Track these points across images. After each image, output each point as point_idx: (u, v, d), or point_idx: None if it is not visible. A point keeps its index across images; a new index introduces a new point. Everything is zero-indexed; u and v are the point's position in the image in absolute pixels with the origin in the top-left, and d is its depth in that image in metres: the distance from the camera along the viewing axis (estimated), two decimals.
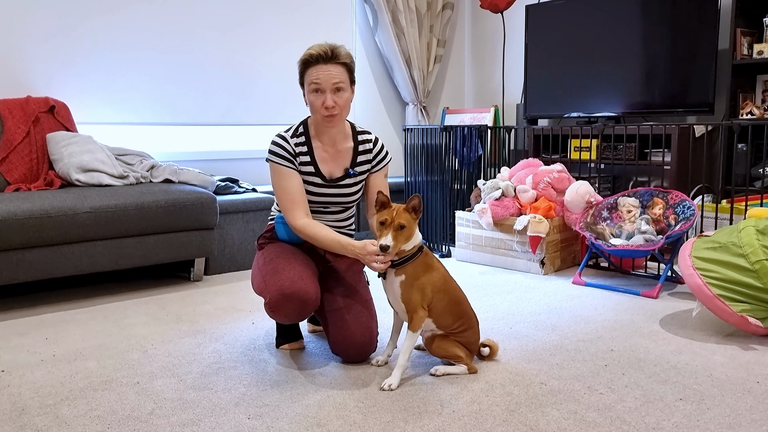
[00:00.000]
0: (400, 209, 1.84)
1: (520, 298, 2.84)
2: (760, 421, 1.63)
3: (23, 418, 1.70)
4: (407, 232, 1.84)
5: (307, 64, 2.01)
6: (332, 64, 1.99)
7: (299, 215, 2.04)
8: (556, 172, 3.39)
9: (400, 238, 1.83)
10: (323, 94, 1.99)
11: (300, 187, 2.07)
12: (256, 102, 4.13)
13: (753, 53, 3.48)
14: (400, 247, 1.84)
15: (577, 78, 4.12)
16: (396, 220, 1.82)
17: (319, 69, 1.98)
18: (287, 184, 2.06)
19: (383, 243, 1.80)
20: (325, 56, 1.98)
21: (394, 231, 1.81)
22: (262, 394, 1.83)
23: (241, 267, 3.45)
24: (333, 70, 1.99)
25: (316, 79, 1.98)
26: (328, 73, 1.98)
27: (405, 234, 1.84)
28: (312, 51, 2.00)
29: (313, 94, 2.00)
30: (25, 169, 3.05)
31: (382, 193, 1.89)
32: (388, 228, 1.82)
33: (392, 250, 1.81)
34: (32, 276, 2.69)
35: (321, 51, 1.98)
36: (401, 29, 4.58)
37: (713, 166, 3.73)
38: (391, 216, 1.83)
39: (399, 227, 1.82)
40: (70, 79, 3.44)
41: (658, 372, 1.96)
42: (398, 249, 1.84)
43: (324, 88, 1.98)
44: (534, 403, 1.74)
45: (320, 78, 1.97)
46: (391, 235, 1.81)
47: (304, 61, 2.01)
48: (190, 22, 3.81)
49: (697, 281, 2.25)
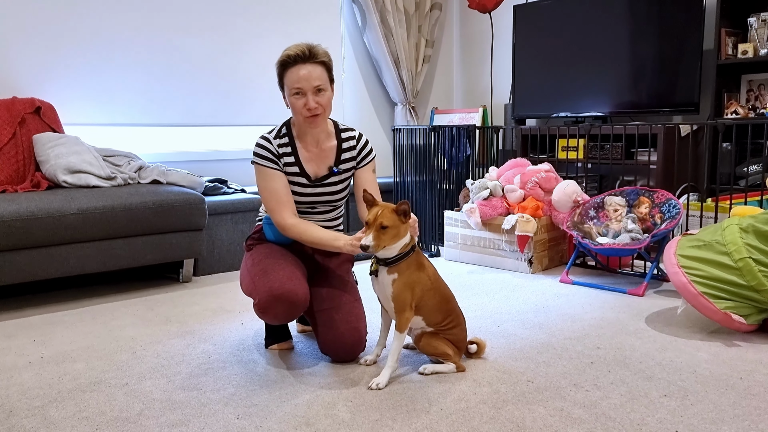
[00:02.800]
0: (386, 210, 1.84)
1: (507, 296, 2.86)
2: (743, 416, 1.66)
3: (11, 420, 1.69)
4: (392, 232, 1.83)
5: (285, 65, 2.01)
6: (311, 64, 1.99)
7: (286, 215, 2.05)
8: (543, 172, 3.41)
9: (383, 238, 1.83)
10: (304, 96, 2.00)
11: (285, 188, 2.07)
12: (244, 103, 4.13)
13: (738, 53, 3.53)
14: (384, 246, 1.85)
15: (565, 78, 4.15)
16: (378, 219, 1.82)
17: (298, 69, 1.98)
18: (272, 185, 2.06)
19: (363, 243, 1.81)
20: (303, 56, 1.98)
21: (375, 231, 1.82)
22: (251, 394, 1.84)
23: (230, 268, 3.45)
24: (312, 70, 1.99)
25: (296, 83, 1.98)
26: (308, 74, 1.98)
27: (389, 234, 1.83)
28: (290, 52, 2.00)
29: (295, 97, 2.01)
30: (11, 170, 3.03)
31: (367, 192, 1.90)
32: (370, 228, 1.83)
33: (372, 250, 1.82)
34: (19, 278, 2.67)
35: (299, 51, 1.99)
36: (389, 29, 4.59)
37: (698, 165, 3.77)
38: (375, 215, 1.84)
39: (380, 227, 1.82)
40: (57, 79, 3.42)
41: (644, 369, 1.98)
42: (382, 248, 1.85)
43: (305, 90, 1.99)
44: (521, 401, 1.76)
45: (300, 81, 1.98)
46: (372, 235, 1.82)
47: (282, 62, 2.01)
48: (178, 22, 3.80)
49: (682, 279, 2.28)
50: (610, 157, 3.47)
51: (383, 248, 1.84)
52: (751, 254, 2.19)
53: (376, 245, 1.81)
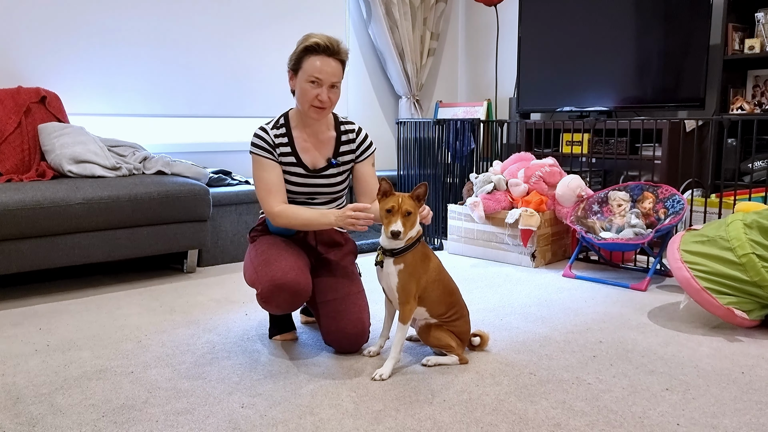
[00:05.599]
0: (404, 196, 1.85)
1: (510, 290, 2.87)
2: (744, 410, 1.67)
3: (18, 407, 1.71)
4: (413, 218, 1.86)
5: (309, 51, 1.99)
6: (333, 59, 2.00)
7: (275, 203, 2.05)
8: (547, 166, 3.41)
9: (407, 225, 1.84)
10: (320, 87, 2.00)
11: (278, 178, 2.08)
12: (249, 94, 4.13)
13: (744, 48, 3.51)
14: (408, 233, 1.86)
15: (570, 72, 4.14)
16: (402, 206, 1.83)
17: (321, 61, 1.98)
18: (265, 175, 2.07)
19: (394, 229, 1.81)
20: (330, 49, 1.99)
21: (402, 217, 1.83)
22: (256, 383, 1.85)
23: (234, 259, 3.46)
24: (335, 66, 2.00)
25: (317, 72, 1.98)
26: (330, 68, 1.99)
27: (411, 220, 1.85)
28: (318, 40, 1.98)
29: (309, 84, 2.00)
30: (16, 160, 3.05)
31: (386, 181, 1.88)
32: (396, 214, 1.83)
33: (403, 236, 1.82)
34: (25, 267, 2.69)
35: (328, 43, 1.99)
36: (395, 22, 4.58)
37: (703, 160, 3.76)
38: (398, 203, 1.84)
39: (406, 213, 1.84)
40: (62, 69, 3.43)
41: (646, 363, 1.99)
42: (407, 235, 1.86)
43: (323, 82, 2.00)
44: (523, 393, 1.77)
45: (322, 72, 1.98)
46: (401, 221, 1.82)
47: (308, 47, 1.99)
48: (183, 13, 3.80)
49: (685, 274, 2.28)
50: (615, 152, 3.47)
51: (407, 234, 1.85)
52: (754, 250, 2.19)
53: (405, 231, 1.83)
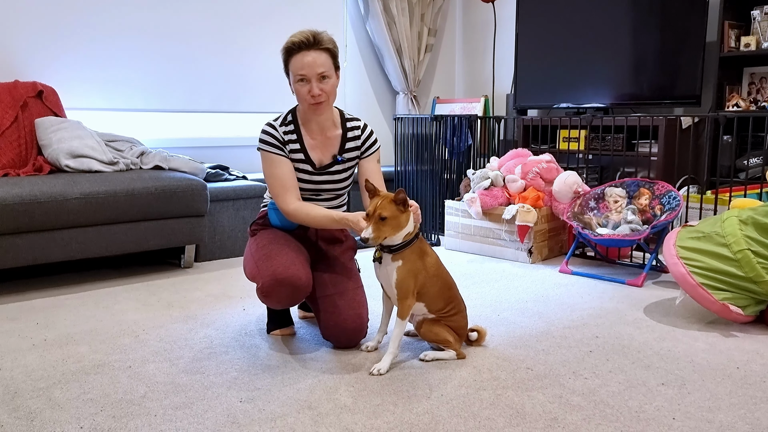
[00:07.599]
0: (385, 200, 1.85)
1: (507, 286, 2.88)
2: (739, 404, 1.68)
3: (16, 401, 1.71)
4: (391, 223, 1.85)
5: (290, 51, 2.01)
6: (315, 51, 2.00)
7: (290, 200, 2.06)
8: (544, 162, 3.42)
9: (383, 230, 1.84)
10: (309, 83, 2.00)
11: (291, 173, 2.09)
12: (247, 89, 4.13)
13: (740, 46, 3.53)
14: (385, 238, 1.86)
15: (567, 69, 4.15)
16: (377, 211, 1.84)
17: (303, 56, 1.99)
18: (278, 171, 2.07)
19: (363, 235, 1.83)
20: (307, 43, 1.99)
21: (375, 222, 1.84)
22: (254, 378, 1.86)
23: (231, 254, 3.46)
24: (317, 57, 1.99)
25: (300, 70, 1.99)
26: (312, 61, 1.98)
27: (389, 225, 1.85)
28: (294, 38, 2.00)
29: (299, 84, 2.01)
30: (13, 154, 3.04)
31: (369, 182, 1.91)
32: (369, 219, 1.85)
33: (373, 242, 1.83)
34: (22, 261, 2.69)
35: (303, 38, 1.99)
36: (392, 18, 4.58)
37: (699, 157, 3.78)
38: (374, 207, 1.85)
39: (380, 218, 1.84)
40: (59, 63, 3.42)
41: (642, 358, 2.00)
42: (382, 240, 1.86)
43: (309, 77, 1.99)
44: (520, 387, 1.78)
45: (304, 68, 1.98)
46: (371, 227, 1.83)
47: (287, 49, 2.02)
48: (181, 8, 3.79)
49: (681, 270, 2.30)
50: (611, 149, 3.48)
51: (383, 239, 1.86)
52: (750, 246, 2.21)
53: (375, 237, 1.83)
